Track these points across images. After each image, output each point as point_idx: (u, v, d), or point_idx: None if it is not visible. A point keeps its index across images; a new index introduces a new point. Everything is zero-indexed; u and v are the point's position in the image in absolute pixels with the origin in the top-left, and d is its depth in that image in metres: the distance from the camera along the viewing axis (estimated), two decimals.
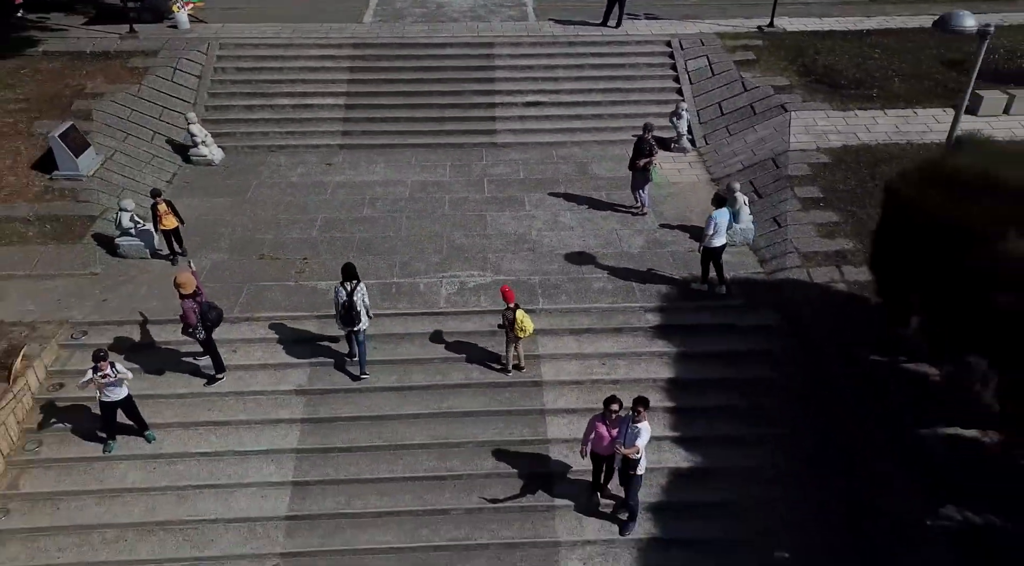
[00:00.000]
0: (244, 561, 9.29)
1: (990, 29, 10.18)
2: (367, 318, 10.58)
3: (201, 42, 18.94)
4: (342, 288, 10.31)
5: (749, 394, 10.94)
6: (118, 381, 9.63)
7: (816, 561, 9.23)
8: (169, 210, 12.64)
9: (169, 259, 13.01)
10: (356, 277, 10.42)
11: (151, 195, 12.63)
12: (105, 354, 9.63)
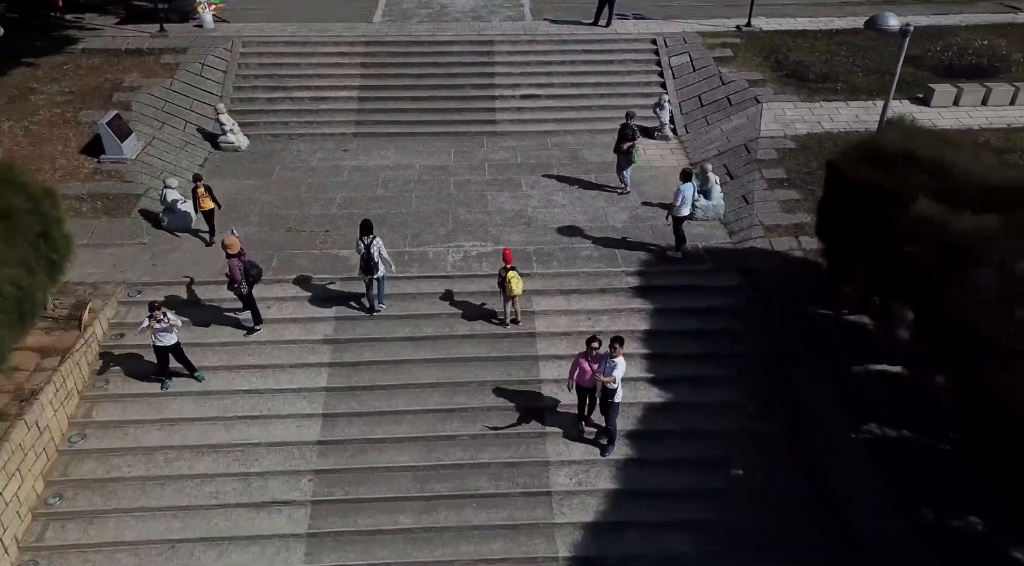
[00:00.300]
0: (283, 476, 11.05)
1: (909, 28, 11.90)
2: (384, 267, 12.35)
3: (225, 40, 20.68)
4: (360, 242, 12.09)
5: (714, 342, 12.71)
6: (170, 328, 11.35)
7: (767, 473, 11.00)
8: (207, 194, 14.28)
9: (206, 236, 14.64)
10: (371, 232, 12.18)
11: (193, 180, 14.31)
12: (159, 305, 11.39)
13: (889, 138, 11.30)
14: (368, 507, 10.76)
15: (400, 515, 10.68)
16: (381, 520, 10.62)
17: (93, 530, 10.48)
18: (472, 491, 10.93)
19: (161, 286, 13.30)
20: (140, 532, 10.45)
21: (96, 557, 10.24)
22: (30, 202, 10.83)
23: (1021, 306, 8.02)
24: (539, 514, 10.74)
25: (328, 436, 11.46)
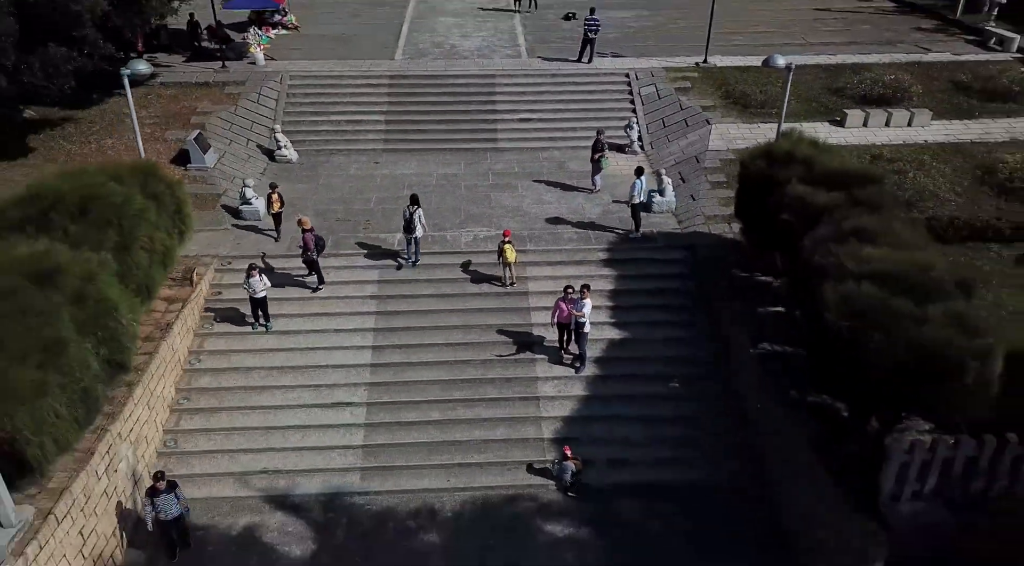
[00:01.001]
0: (345, 387, 15.25)
1: (792, 66, 16.36)
2: (422, 229, 16.80)
3: (275, 74, 25.27)
4: (407, 209, 16.53)
5: (662, 296, 17.03)
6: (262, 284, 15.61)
7: (696, 382, 15.26)
8: (278, 198, 18.53)
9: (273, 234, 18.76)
10: (417, 203, 16.61)
11: (270, 187, 18.52)
12: (255, 266, 15.69)
13: (778, 145, 15.76)
14: (407, 406, 14.97)
15: (431, 411, 14.89)
16: (417, 415, 14.83)
17: (211, 421, 14.69)
18: (482, 396, 15.16)
19: (246, 258, 17.55)
20: (245, 422, 14.65)
21: (216, 437, 14.44)
22: (168, 189, 15.17)
23: (842, 245, 12.32)
24: (530, 411, 14.96)
25: (376, 361, 15.69)
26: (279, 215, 18.46)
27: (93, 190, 13.56)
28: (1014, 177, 19.67)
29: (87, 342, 11.42)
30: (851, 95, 24.33)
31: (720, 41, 27.43)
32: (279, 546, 12.87)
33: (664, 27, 30.61)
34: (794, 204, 14.05)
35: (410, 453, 14.28)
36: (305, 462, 14.11)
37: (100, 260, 12.42)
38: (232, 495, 13.61)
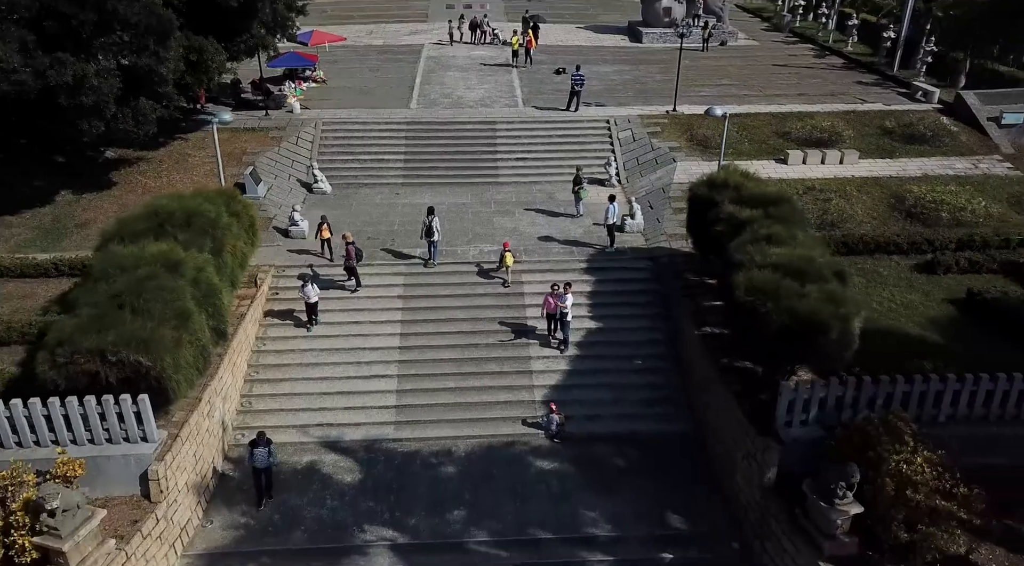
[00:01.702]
0: (380, 363, 19.45)
1: (727, 114, 20.96)
2: (438, 235, 21.19)
3: (310, 121, 29.97)
4: (425, 218, 20.96)
5: (630, 296, 21.35)
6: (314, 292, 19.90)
7: (655, 359, 19.49)
8: (327, 227, 22.83)
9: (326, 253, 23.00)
10: (432, 213, 21.05)
11: (320, 218, 22.71)
12: (306, 276, 20.03)
13: (718, 174, 20.28)
14: (428, 377, 19.19)
15: (446, 381, 19.11)
16: (435, 384, 19.03)
17: (276, 388, 18.89)
18: (487, 371, 19.38)
19: (297, 267, 21.94)
20: (302, 389, 18.83)
21: (280, 399, 18.63)
22: (244, 209, 19.60)
23: (754, 245, 16.67)
24: (524, 381, 19.17)
25: (403, 344, 19.93)
26: (328, 240, 22.74)
27: (194, 208, 17.98)
28: (918, 204, 24.22)
29: (202, 314, 15.68)
30: (795, 138, 29.01)
31: (688, 92, 32.35)
32: (333, 476, 16.96)
33: (641, 80, 35.53)
34: (725, 219, 18.48)
35: (431, 411, 18.45)
36: (350, 418, 18.27)
37: (204, 258, 16.76)
38: (296, 441, 17.72)
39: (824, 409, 14.98)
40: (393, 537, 15.52)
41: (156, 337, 14.22)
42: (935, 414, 15.09)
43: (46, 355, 14.15)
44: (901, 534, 13.11)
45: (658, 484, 16.83)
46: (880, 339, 17.57)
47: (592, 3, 51.43)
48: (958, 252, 21.70)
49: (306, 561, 15.01)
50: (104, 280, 15.21)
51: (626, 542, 15.49)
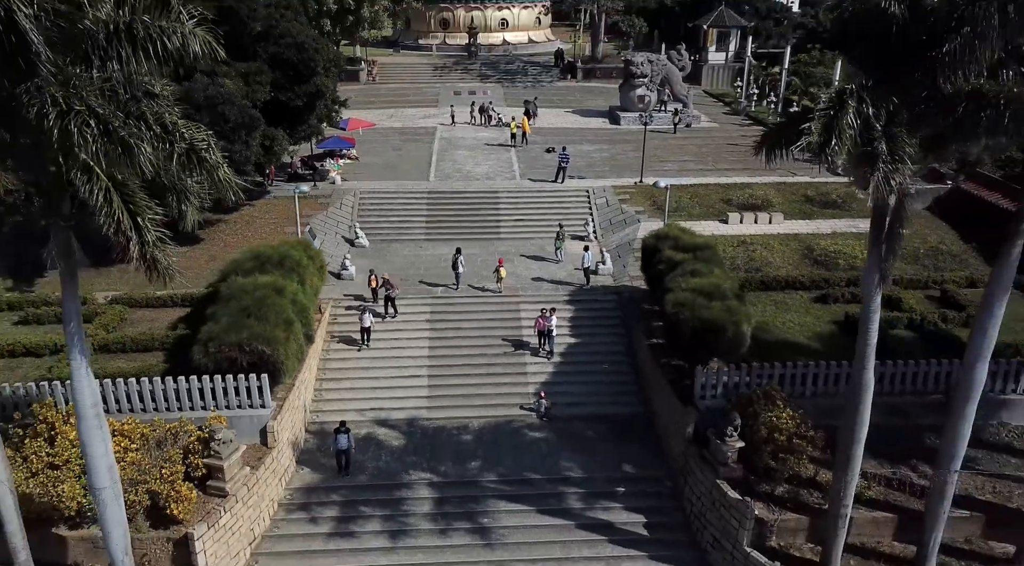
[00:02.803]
0: (415, 366, 26.35)
1: (668, 186, 28.48)
2: (462, 268, 28.53)
3: (349, 191, 37.59)
4: (454, 255, 28.34)
5: (601, 319, 28.45)
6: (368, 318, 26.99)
7: (616, 362, 26.46)
8: (375, 278, 29.97)
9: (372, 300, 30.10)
10: (459, 253, 28.41)
11: (369, 271, 29.95)
12: (365, 307, 27.17)
13: (662, 230, 27.68)
14: (450, 375, 26.10)
15: (464, 378, 26.01)
16: (456, 380, 25.93)
17: (339, 384, 25.79)
18: (493, 371, 26.34)
19: (346, 299, 29.06)
20: (358, 385, 25.72)
21: (342, 392, 25.50)
22: (316, 254, 26.85)
23: (682, 277, 23.86)
24: (520, 378, 26.09)
25: (432, 353, 26.90)
26: (376, 289, 29.77)
27: (284, 253, 25.26)
28: (823, 254, 31.56)
29: (298, 323, 22.74)
30: (735, 204, 36.57)
31: (655, 167, 40.13)
32: (385, 441, 23.70)
33: (616, 157, 43.44)
34: (665, 260, 25.80)
35: (453, 398, 25.30)
36: (395, 405, 25.09)
37: (296, 286, 23.92)
38: (355, 420, 24.42)
39: (726, 387, 21.91)
40: (429, 478, 22.24)
41: (273, 335, 21.28)
42: (802, 390, 21.97)
43: (200, 348, 21.19)
44: (769, 461, 19.89)
45: (617, 446, 23.60)
46: (781, 346, 24.66)
47: (579, 91, 60.08)
48: (846, 288, 28.86)
49: (372, 493, 21.70)
50: (235, 299, 22.34)
51: (593, 481, 22.21)
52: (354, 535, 20.74)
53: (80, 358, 15.55)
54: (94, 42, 13.03)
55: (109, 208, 13.46)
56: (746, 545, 19.33)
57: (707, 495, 20.54)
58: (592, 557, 20.38)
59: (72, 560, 18.79)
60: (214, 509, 19.02)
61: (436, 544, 20.56)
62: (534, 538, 20.79)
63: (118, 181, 13.69)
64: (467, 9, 72.26)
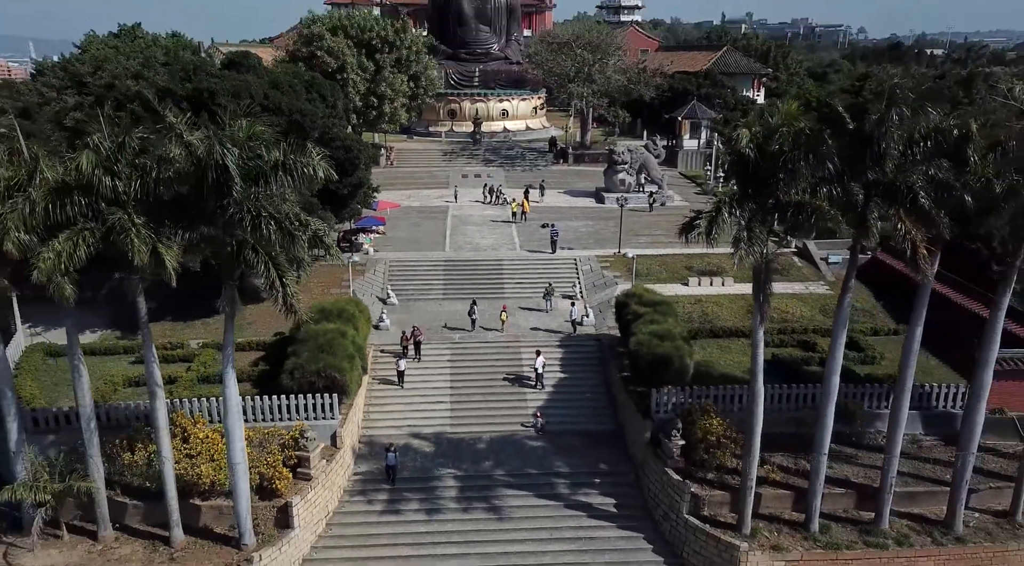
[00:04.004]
0: (438, 396, 34.12)
1: (635, 256, 36.82)
2: (477, 314, 36.62)
3: (380, 260, 46.00)
4: (471, 305, 36.59)
5: (584, 359, 36.39)
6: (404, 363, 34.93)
7: (595, 391, 34.29)
8: (405, 336, 37.98)
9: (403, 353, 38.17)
10: (475, 303, 36.65)
11: (402, 333, 38.01)
12: (398, 354, 35.16)
13: (630, 290, 35.91)
14: (467, 401, 33.85)
15: (477, 403, 33.75)
16: (471, 404, 33.66)
17: (382, 407, 33.53)
18: (500, 397, 34.11)
19: (384, 344, 37.01)
20: (395, 408, 33.46)
21: (385, 413, 33.21)
22: (365, 308, 34.94)
23: (642, 324, 31.93)
24: (520, 403, 33.85)
25: (452, 386, 34.69)
26: (406, 346, 37.63)
27: (342, 307, 33.39)
28: None
29: (356, 358, 30.66)
30: (696, 270, 44.88)
31: (631, 240, 48.65)
32: (419, 449, 31.29)
33: (599, 232, 52.08)
34: (631, 312, 33.95)
35: (469, 418, 32.97)
36: (425, 422, 32.74)
37: (353, 332, 31.92)
38: (395, 434, 32.03)
39: (674, 404, 29.69)
40: (453, 473, 29.81)
41: (340, 366, 29.22)
42: (731, 407, 29.69)
43: (287, 374, 29.10)
44: (703, 455, 27.56)
45: (594, 452, 31.21)
46: (720, 377, 32.47)
47: (570, 174, 69.34)
48: (777, 335, 36.89)
49: (411, 483, 29.23)
50: (311, 339, 30.32)
51: (576, 475, 29.80)
52: (399, 512, 28.22)
53: (230, 372, 23.64)
54: (262, 171, 21.51)
55: (268, 273, 21.81)
56: (685, 514, 26.84)
57: (659, 480, 28.14)
58: (575, 527, 27.83)
59: (203, 523, 26.20)
60: (303, 487, 26.59)
61: (460, 518, 28.03)
62: (532, 515, 28.25)
63: (271, 256, 22.00)
64: (472, 101, 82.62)
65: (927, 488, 27.42)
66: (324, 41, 64.58)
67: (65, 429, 27.90)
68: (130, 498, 26.52)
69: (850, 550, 25.66)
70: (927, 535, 26.13)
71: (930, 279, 23.86)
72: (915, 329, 25.04)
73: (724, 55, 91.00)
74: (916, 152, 21.44)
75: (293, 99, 39.73)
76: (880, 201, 21.99)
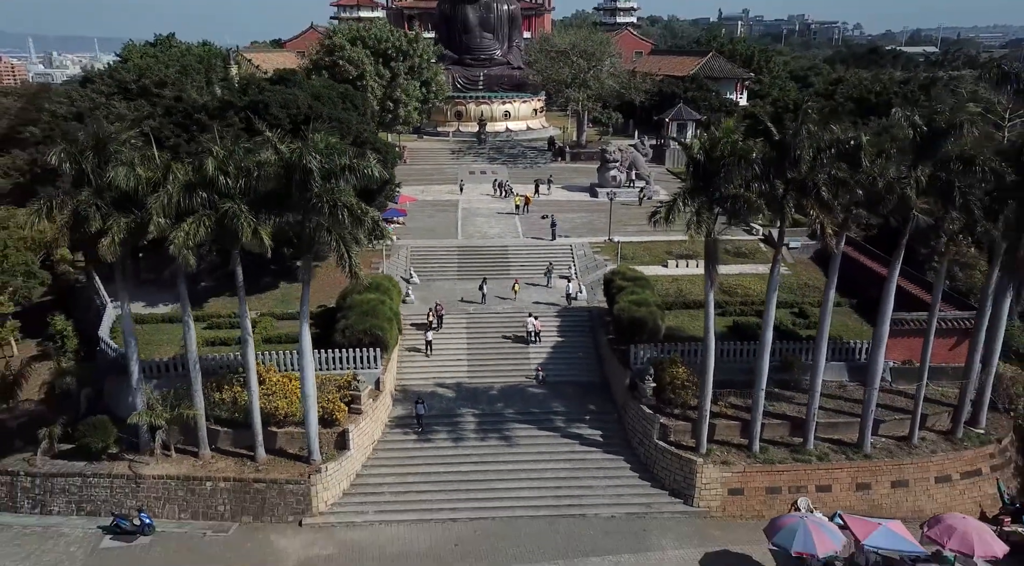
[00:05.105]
0: (456, 357, 41.49)
1: (620, 241, 44.14)
2: (486, 289, 44.11)
3: (403, 246, 53.33)
4: (481, 282, 44.08)
5: (577, 325, 43.77)
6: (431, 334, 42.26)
7: (587, 351, 41.73)
8: (431, 312, 45.21)
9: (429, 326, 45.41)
10: (485, 282, 44.13)
11: (428, 309, 45.26)
12: (429, 325, 42.53)
13: (616, 268, 43.23)
14: (480, 357, 41.24)
15: (487, 362, 41.12)
16: (483, 362, 41.04)
17: (412, 366, 40.91)
18: (507, 355, 41.48)
19: (412, 317, 44.34)
20: (426, 365, 40.83)
21: (416, 369, 40.61)
22: (395, 284, 42.29)
23: (624, 295, 39.27)
24: (524, 358, 41.21)
25: (469, 346, 42.07)
26: (430, 321, 44.93)
27: (378, 282, 40.75)
28: (729, 287, 46.99)
29: (394, 320, 38.03)
30: (674, 254, 52.18)
31: (620, 229, 55.94)
32: (443, 394, 38.68)
33: (593, 222, 59.40)
34: (616, 286, 41.32)
35: (482, 370, 40.34)
36: (447, 375, 40.09)
37: (389, 301, 39.27)
38: (422, 384, 39.40)
39: (649, 358, 37.01)
40: (471, 411, 37.24)
41: (382, 326, 36.59)
42: (694, 359, 36.99)
43: (339, 333, 36.49)
44: (670, 395, 34.97)
45: (585, 397, 38.61)
46: (689, 338, 39.77)
47: (567, 170, 76.60)
48: (739, 306, 44.23)
49: (438, 419, 36.62)
50: (357, 306, 37.67)
51: (570, 413, 37.24)
52: (430, 440, 35.66)
53: (306, 325, 31.08)
54: (335, 171, 28.81)
55: (339, 248, 29.16)
56: (656, 439, 34.24)
57: (635, 415, 35.55)
58: (569, 451, 35.28)
59: (278, 446, 33.57)
60: (356, 419, 34.00)
61: (477, 444, 35.49)
62: (535, 442, 35.69)
63: (341, 235, 29.33)
64: (477, 104, 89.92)
65: (846, 420, 34.80)
66: (345, 51, 71.86)
67: (164, 376, 35.20)
68: (221, 427, 33.88)
69: (782, 464, 33.12)
70: (842, 454, 33.56)
71: (837, 252, 31.16)
72: (828, 292, 32.39)
73: (709, 60, 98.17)
74: (822, 157, 28.74)
75: (332, 109, 47.02)
76: (795, 194, 29.30)
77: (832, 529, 27.83)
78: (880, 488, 33.17)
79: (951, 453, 33.78)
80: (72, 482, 32.39)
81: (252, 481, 32.02)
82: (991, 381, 35.06)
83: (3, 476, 32.70)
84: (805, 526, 27.11)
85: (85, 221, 28.04)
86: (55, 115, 54.83)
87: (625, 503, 33.07)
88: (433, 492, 33.22)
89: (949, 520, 27.84)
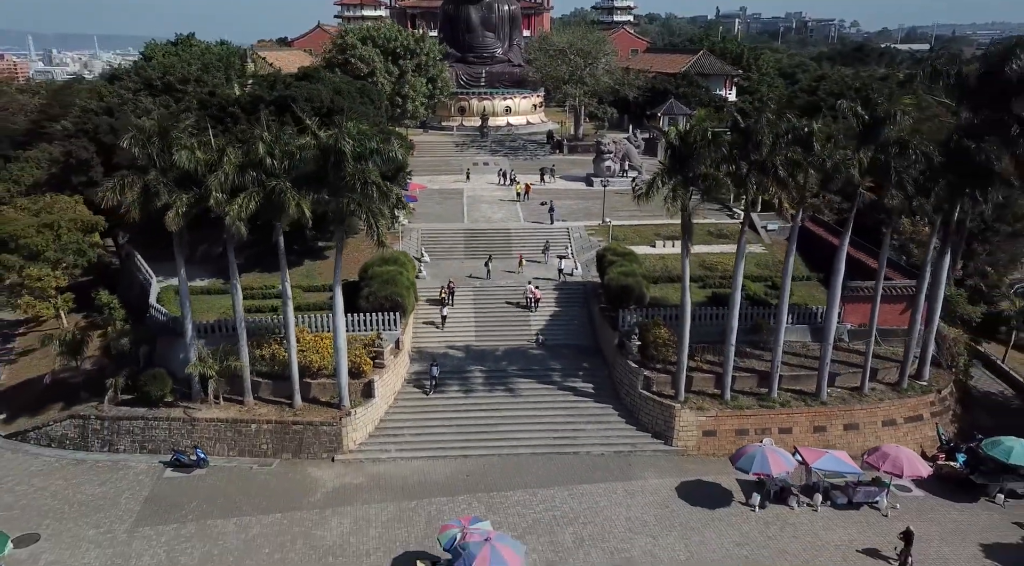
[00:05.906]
0: (465, 322, 46.57)
1: (611, 223, 49.16)
2: (491, 266, 49.27)
3: (415, 229, 58.35)
4: (487, 261, 49.18)
5: (572, 297, 48.86)
6: (446, 310, 47.35)
7: (581, 319, 46.83)
8: (444, 289, 50.18)
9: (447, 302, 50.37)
10: (491, 259, 49.24)
11: (441, 287, 50.20)
12: (444, 301, 47.58)
13: (607, 246, 48.31)
14: (487, 322, 46.34)
15: (493, 328, 46.20)
16: (489, 327, 46.13)
17: (426, 332, 46.01)
18: (510, 320, 46.58)
19: (426, 291, 49.40)
20: (439, 332, 45.91)
21: (428, 334, 45.72)
22: (409, 259, 47.34)
23: (613, 267, 44.32)
24: (525, 323, 46.31)
25: (477, 313, 47.16)
26: (452, 293, 49.89)
27: (395, 257, 45.82)
28: (710, 263, 52.04)
29: (411, 289, 43.10)
30: (662, 235, 57.18)
31: (612, 214, 60.96)
32: (453, 355, 43.75)
33: (588, 208, 64.41)
34: (607, 261, 46.38)
35: (489, 333, 45.43)
36: (458, 339, 45.19)
37: (407, 273, 44.34)
38: (436, 346, 44.47)
39: (635, 321, 42.08)
40: (479, 368, 42.33)
41: (401, 293, 41.69)
42: (675, 322, 42.02)
43: (363, 299, 41.57)
44: (653, 352, 40.10)
45: (579, 357, 43.69)
46: (673, 306, 44.87)
47: (565, 162, 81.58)
48: (719, 279, 49.28)
49: (450, 375, 41.71)
50: (379, 277, 42.73)
51: (566, 370, 42.36)
52: (443, 392, 40.77)
53: (338, 288, 36.09)
54: (364, 154, 33.86)
55: (369, 219, 34.22)
56: (640, 389, 39.33)
57: (623, 370, 40.65)
58: (564, 401, 40.41)
59: (312, 395, 38.64)
60: (380, 371, 39.10)
61: (485, 394, 40.62)
62: (535, 393, 40.81)
63: (370, 209, 34.39)
64: (479, 99, 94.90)
65: (806, 373, 39.92)
66: (357, 50, 76.87)
67: (211, 337, 40.23)
68: (261, 379, 38.94)
69: (749, 409, 38.25)
70: (802, 401, 38.70)
71: (796, 224, 36.18)
72: (788, 259, 37.47)
73: (700, 58, 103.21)
74: (780, 142, 33.78)
75: (352, 102, 52.01)
76: (757, 173, 34.34)
77: (786, 455, 32.96)
78: (834, 430, 38.28)
79: (896, 400, 38.93)
80: (136, 424, 37.47)
81: (291, 423, 37.12)
82: (932, 338, 40.16)
83: (76, 420, 37.79)
84: (762, 452, 32.22)
85: (156, 196, 33.04)
86: (86, 110, 59.83)
87: (613, 443, 38.18)
88: (447, 434, 38.33)
89: (885, 449, 32.99)
